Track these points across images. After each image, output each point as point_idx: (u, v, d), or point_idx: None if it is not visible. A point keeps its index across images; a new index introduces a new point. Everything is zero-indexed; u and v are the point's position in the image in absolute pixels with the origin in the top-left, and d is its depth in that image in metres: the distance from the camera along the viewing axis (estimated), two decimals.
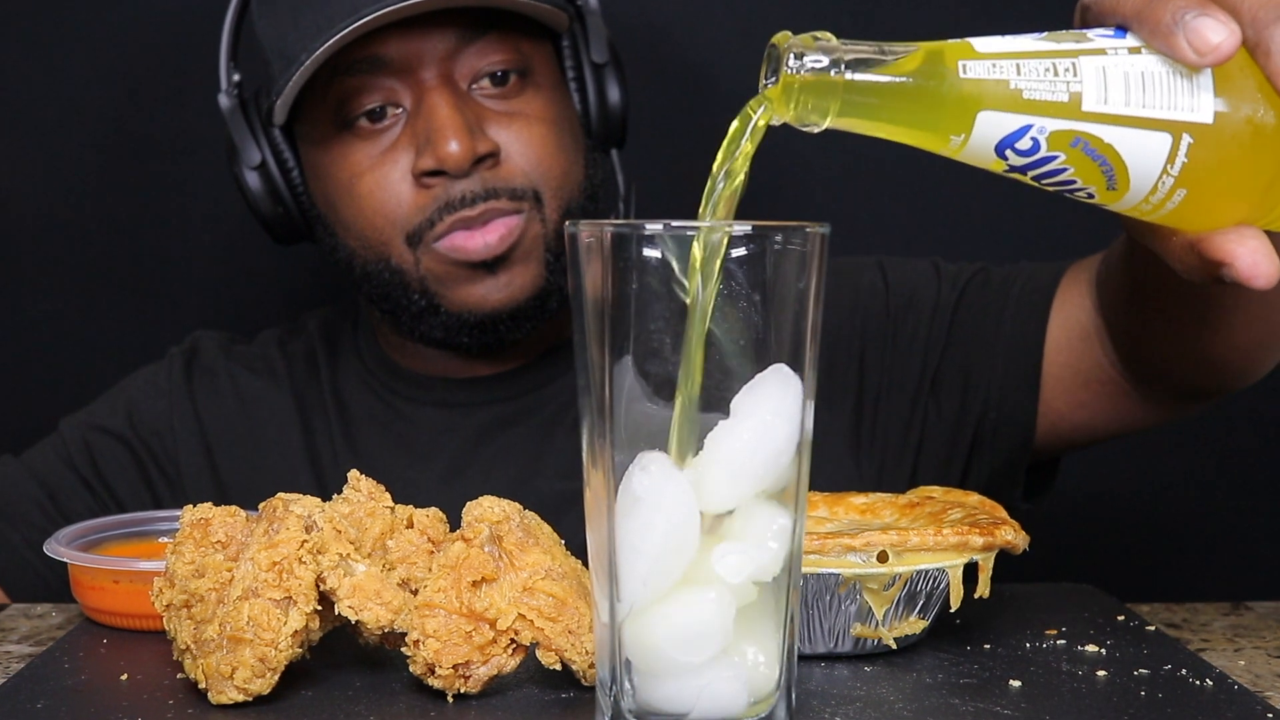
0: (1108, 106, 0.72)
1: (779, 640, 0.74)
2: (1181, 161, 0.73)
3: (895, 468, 1.29)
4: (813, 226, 0.72)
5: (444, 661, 0.81)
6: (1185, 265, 0.78)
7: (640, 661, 0.73)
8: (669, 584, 0.72)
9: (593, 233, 0.72)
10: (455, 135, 1.19)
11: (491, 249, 1.21)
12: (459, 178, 1.20)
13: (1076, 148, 0.73)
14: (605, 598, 0.73)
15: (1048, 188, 0.75)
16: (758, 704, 0.74)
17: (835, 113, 0.73)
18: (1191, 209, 0.75)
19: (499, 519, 0.83)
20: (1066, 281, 1.23)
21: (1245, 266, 0.74)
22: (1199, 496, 1.75)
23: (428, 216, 1.21)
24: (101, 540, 1.05)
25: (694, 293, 0.70)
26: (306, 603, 0.81)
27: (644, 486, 0.71)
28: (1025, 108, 0.72)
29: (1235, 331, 1.06)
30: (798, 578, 0.75)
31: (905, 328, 1.30)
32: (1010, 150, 0.73)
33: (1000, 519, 0.91)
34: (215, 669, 0.80)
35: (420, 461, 1.31)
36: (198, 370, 1.37)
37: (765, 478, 0.72)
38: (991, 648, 0.92)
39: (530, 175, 1.23)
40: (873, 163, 1.69)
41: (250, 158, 1.29)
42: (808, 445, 0.74)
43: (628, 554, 0.72)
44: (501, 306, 1.24)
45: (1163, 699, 0.83)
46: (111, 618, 0.98)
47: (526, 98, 1.25)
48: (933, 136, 0.74)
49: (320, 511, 0.83)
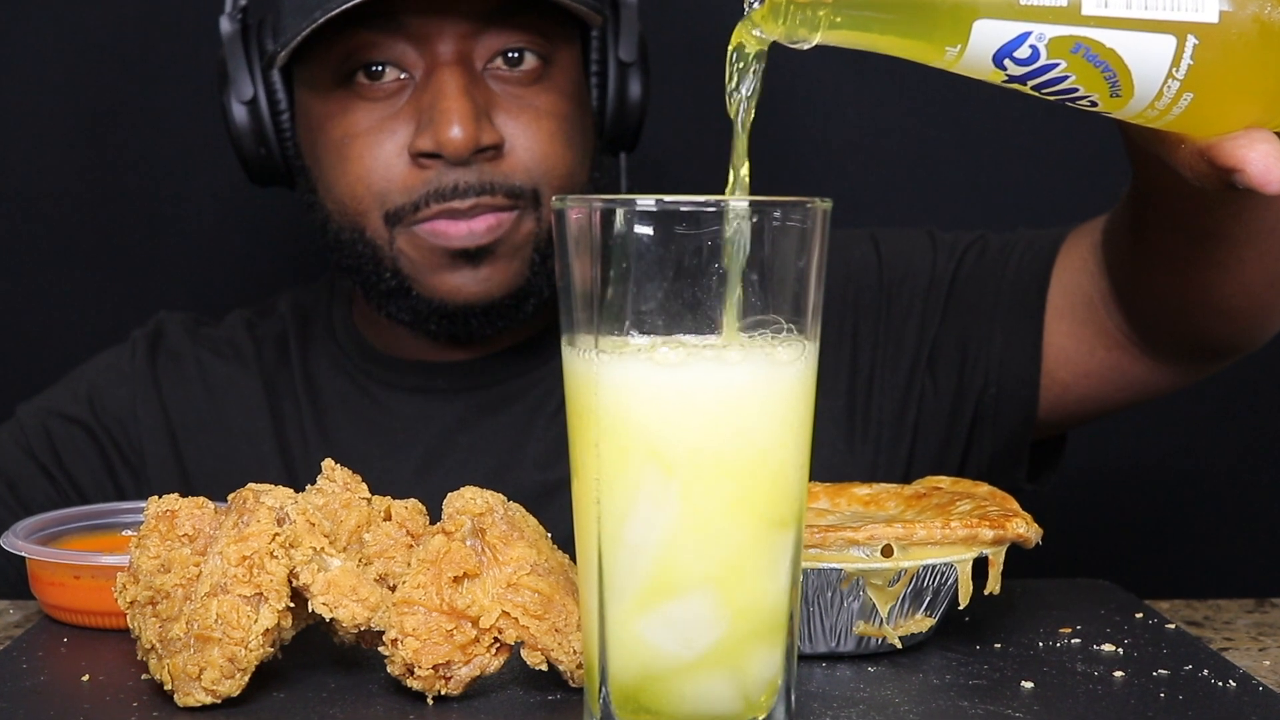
0: (1109, 9, 0.73)
1: (778, 639, 0.75)
2: (1187, 64, 0.73)
3: (892, 450, 1.29)
4: (814, 201, 0.73)
5: (424, 662, 0.81)
6: (1195, 173, 0.79)
7: (630, 659, 0.73)
8: (661, 578, 0.72)
9: (581, 209, 0.72)
10: (460, 120, 1.18)
11: (476, 238, 1.21)
12: (456, 165, 1.19)
13: (1078, 54, 0.73)
14: (593, 592, 0.74)
15: (1048, 97, 0.76)
16: (755, 706, 0.74)
17: (825, 25, 0.75)
18: (1199, 113, 0.76)
19: (482, 511, 0.83)
20: (1068, 246, 1.24)
21: (1257, 172, 0.75)
22: (1222, 487, 1.76)
23: (414, 199, 1.21)
24: (62, 533, 1.05)
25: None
26: (278, 599, 0.80)
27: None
28: (1023, 14, 0.73)
29: (1246, 268, 1.07)
30: (798, 573, 0.75)
31: (900, 302, 1.30)
32: (1009, 59, 0.74)
33: (1011, 511, 0.91)
34: (182, 669, 0.80)
35: (396, 450, 1.31)
36: (162, 354, 1.37)
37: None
38: (1002, 647, 0.92)
39: (532, 173, 1.22)
40: (874, 133, 1.70)
41: (242, 91, 1.28)
42: (808, 429, 0.74)
43: (619, 548, 0.72)
44: (474, 300, 1.24)
45: (1183, 701, 0.83)
46: (72, 615, 0.98)
47: (542, 88, 1.23)
48: (927, 48, 0.75)
49: (293, 503, 0.83)
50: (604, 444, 0.72)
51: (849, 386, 1.30)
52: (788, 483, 0.74)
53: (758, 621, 0.74)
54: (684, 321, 0.72)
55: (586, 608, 0.75)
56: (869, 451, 1.29)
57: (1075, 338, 1.23)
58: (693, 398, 0.72)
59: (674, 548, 0.72)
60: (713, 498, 0.72)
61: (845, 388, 1.30)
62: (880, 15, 0.74)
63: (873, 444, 1.29)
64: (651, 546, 0.72)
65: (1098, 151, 1.46)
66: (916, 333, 1.29)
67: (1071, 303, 1.23)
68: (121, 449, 1.33)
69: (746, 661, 0.74)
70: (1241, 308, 1.11)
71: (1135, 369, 1.21)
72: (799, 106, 1.69)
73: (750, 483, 0.73)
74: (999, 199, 1.70)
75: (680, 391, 0.71)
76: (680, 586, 0.73)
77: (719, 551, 0.73)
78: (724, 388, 0.72)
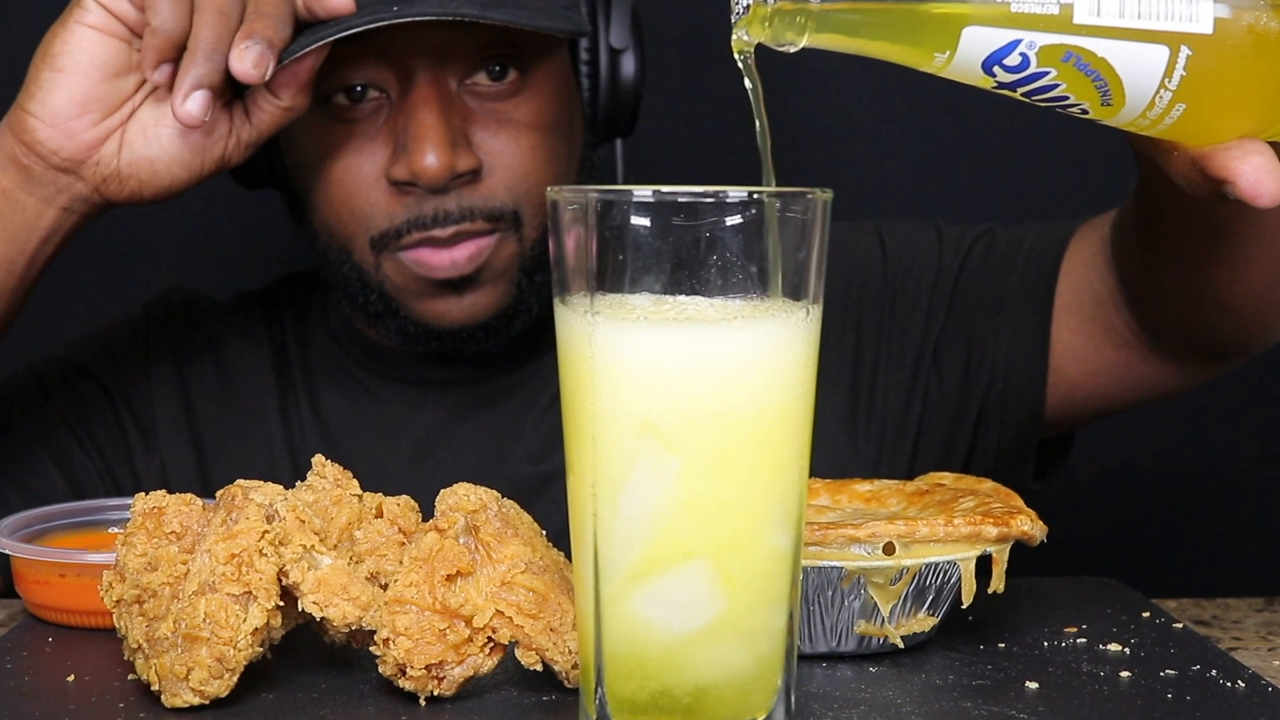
0: (1101, 18, 0.73)
1: (777, 639, 0.74)
2: (1180, 75, 0.74)
3: (895, 447, 1.29)
4: (815, 192, 0.72)
5: (416, 662, 0.81)
6: (1188, 181, 0.80)
7: (624, 636, 0.73)
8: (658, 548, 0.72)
9: (576, 200, 0.72)
10: (435, 148, 1.16)
11: (459, 268, 1.20)
12: (435, 192, 1.19)
13: (1068, 63, 0.74)
14: (589, 572, 0.73)
15: (1039, 103, 0.76)
16: (753, 707, 0.74)
17: (812, 29, 0.75)
18: (1192, 123, 0.76)
19: (475, 508, 0.83)
20: (1076, 242, 1.24)
21: (1248, 185, 0.76)
22: (1230, 484, 1.76)
23: (396, 225, 1.20)
24: (47, 530, 1.05)
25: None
26: (268, 598, 0.80)
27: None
28: (1013, 22, 0.73)
29: (1254, 267, 1.07)
30: (798, 572, 0.75)
31: (905, 296, 1.30)
32: (998, 67, 0.74)
33: (1016, 508, 0.91)
34: (169, 670, 0.80)
35: (389, 441, 1.31)
36: (178, 320, 1.37)
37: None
38: (1006, 647, 0.92)
39: (513, 192, 1.21)
40: (877, 122, 1.70)
41: None
42: (808, 419, 0.74)
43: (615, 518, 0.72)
44: (461, 325, 1.24)
45: (1191, 702, 0.83)
46: (57, 614, 0.97)
47: (522, 99, 1.21)
48: (915, 53, 0.75)
49: (282, 500, 0.83)
50: (601, 411, 0.72)
51: (851, 382, 1.30)
52: (788, 448, 0.73)
53: (758, 591, 0.74)
54: (682, 288, 0.72)
55: (582, 592, 0.75)
56: (871, 449, 1.29)
57: (1083, 335, 1.23)
58: (696, 360, 0.71)
59: (672, 516, 0.72)
60: (713, 464, 0.72)
61: (848, 383, 1.30)
62: (868, 20, 0.75)
63: (875, 441, 1.29)
64: (649, 515, 0.72)
65: (1106, 144, 1.46)
66: (921, 328, 1.29)
67: (1080, 299, 1.22)
68: (135, 411, 1.33)
69: (745, 634, 0.74)
70: (1250, 306, 1.12)
71: (1143, 368, 1.21)
72: (801, 95, 1.69)
73: (752, 447, 0.72)
74: (1005, 190, 1.70)
75: (685, 353, 0.71)
76: (677, 558, 0.73)
77: (717, 518, 0.73)
78: (729, 348, 0.72)
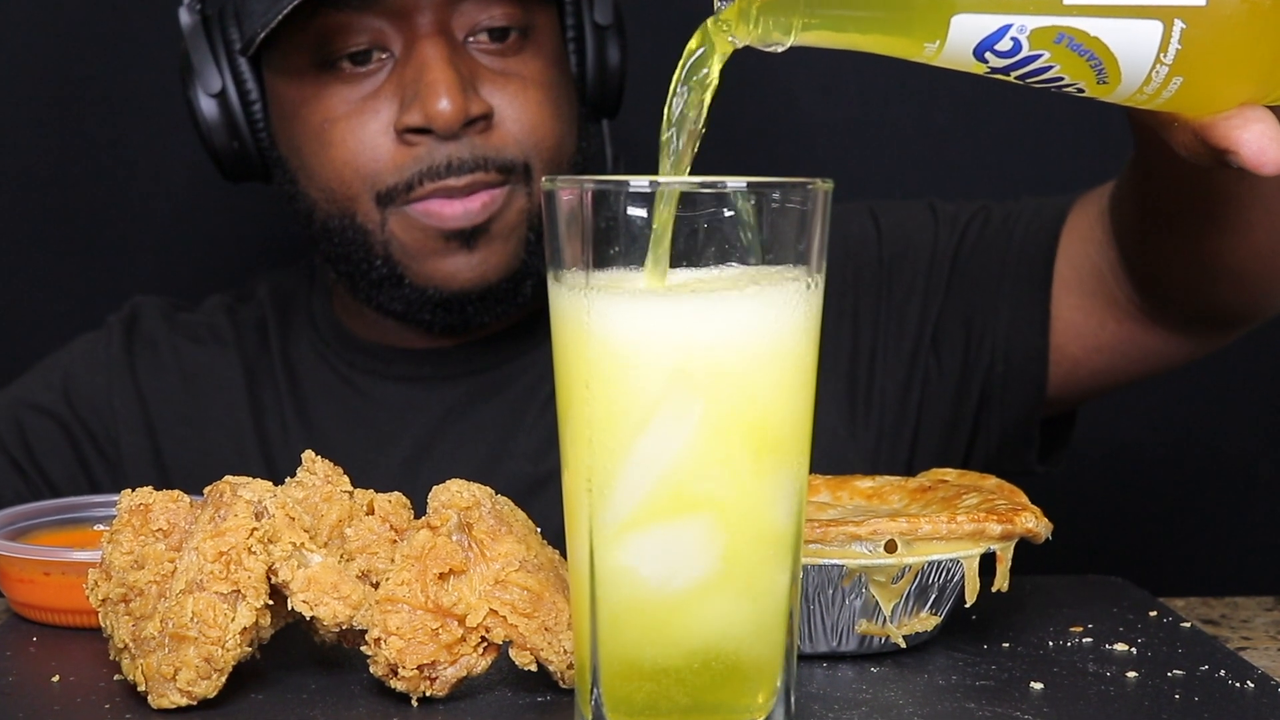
0: None
1: (777, 638, 0.74)
2: (1175, 49, 0.74)
3: (895, 434, 1.29)
4: (815, 182, 0.72)
5: (408, 662, 0.80)
6: (1190, 151, 0.80)
7: (617, 605, 0.73)
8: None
9: (572, 189, 0.72)
10: (448, 92, 1.18)
11: (473, 216, 1.21)
12: (446, 139, 1.19)
13: (1061, 44, 0.74)
14: (584, 525, 0.73)
15: (1034, 86, 0.76)
16: (753, 707, 0.74)
17: (800, 28, 0.75)
18: (1191, 95, 0.76)
19: (468, 505, 0.83)
20: (1074, 216, 1.24)
21: (1251, 154, 0.76)
22: (1237, 481, 1.76)
23: (405, 179, 1.20)
24: (31, 528, 1.05)
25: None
26: (256, 597, 0.80)
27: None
28: (1003, 6, 0.73)
29: (1254, 231, 1.08)
30: (798, 570, 0.75)
31: (901, 278, 1.30)
32: (990, 53, 0.74)
33: (1020, 505, 0.91)
34: (156, 670, 0.80)
35: (381, 442, 1.31)
36: (139, 341, 1.36)
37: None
38: (1011, 646, 0.92)
39: (523, 144, 1.22)
40: (873, 108, 1.70)
41: (209, 83, 1.27)
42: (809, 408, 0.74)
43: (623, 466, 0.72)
44: (470, 286, 1.23)
45: (1199, 703, 0.83)
46: (42, 613, 0.97)
47: (525, 58, 1.24)
48: (905, 44, 0.75)
49: (271, 497, 0.83)
50: (602, 369, 0.72)
51: (849, 368, 1.30)
52: (789, 414, 0.73)
53: (760, 543, 0.74)
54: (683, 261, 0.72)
55: (577, 582, 0.75)
56: (870, 436, 1.29)
57: (1084, 310, 1.23)
58: (706, 319, 0.72)
59: (675, 469, 0.72)
60: (729, 414, 0.72)
61: (846, 369, 1.30)
62: (855, 14, 0.75)
63: (875, 428, 1.29)
64: (659, 463, 0.72)
65: (1101, 118, 1.46)
66: (919, 311, 1.29)
67: (1080, 274, 1.23)
68: (97, 441, 1.33)
69: (743, 594, 0.74)
70: (1251, 272, 1.12)
71: (1147, 340, 1.22)
72: (797, 83, 1.69)
73: (753, 411, 0.73)
74: (1001, 168, 1.70)
75: (694, 311, 0.72)
76: (678, 510, 0.73)
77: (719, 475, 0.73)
78: (734, 311, 0.72)
